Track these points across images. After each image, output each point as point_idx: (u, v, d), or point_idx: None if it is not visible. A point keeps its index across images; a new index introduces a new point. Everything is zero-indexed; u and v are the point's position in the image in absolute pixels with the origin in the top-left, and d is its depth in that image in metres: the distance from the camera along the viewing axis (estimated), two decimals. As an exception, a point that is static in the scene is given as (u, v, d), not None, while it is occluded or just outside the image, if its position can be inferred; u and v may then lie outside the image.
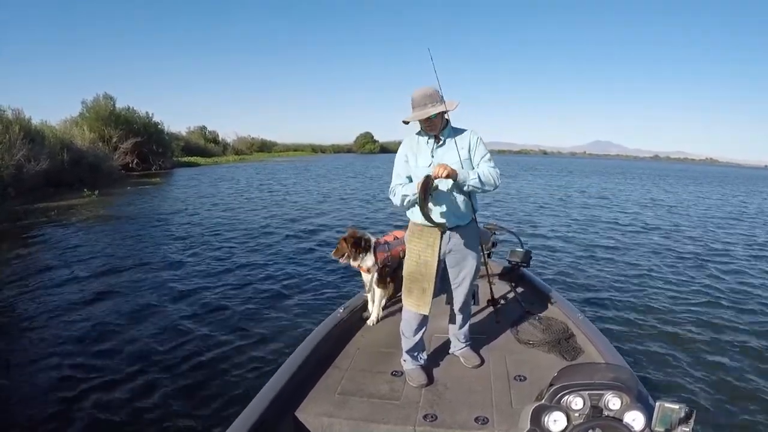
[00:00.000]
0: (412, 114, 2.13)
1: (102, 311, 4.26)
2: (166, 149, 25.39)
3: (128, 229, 8.07)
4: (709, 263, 6.82)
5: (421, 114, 2.08)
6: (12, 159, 11.97)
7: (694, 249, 7.85)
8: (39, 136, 15.02)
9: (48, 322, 4.01)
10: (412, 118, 2.13)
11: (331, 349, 2.56)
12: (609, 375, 1.50)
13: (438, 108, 2.08)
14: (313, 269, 5.78)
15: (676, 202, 15.32)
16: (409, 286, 2.27)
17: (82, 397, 2.87)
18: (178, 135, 34.49)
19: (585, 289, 5.26)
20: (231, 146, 44.99)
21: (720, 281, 5.84)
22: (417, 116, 2.11)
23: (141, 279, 5.29)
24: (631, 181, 27.77)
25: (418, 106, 2.10)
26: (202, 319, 4.12)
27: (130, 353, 3.47)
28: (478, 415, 1.99)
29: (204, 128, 42.76)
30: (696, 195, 19.06)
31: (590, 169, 40.05)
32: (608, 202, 14.85)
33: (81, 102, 22.10)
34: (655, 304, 4.82)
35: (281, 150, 55.05)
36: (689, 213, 13.02)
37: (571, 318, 2.90)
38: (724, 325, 4.31)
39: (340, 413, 2.00)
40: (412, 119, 2.14)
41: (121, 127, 21.63)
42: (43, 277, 5.23)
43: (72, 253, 6.24)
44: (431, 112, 2.07)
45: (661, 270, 6.29)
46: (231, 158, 38.13)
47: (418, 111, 2.10)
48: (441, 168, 2.00)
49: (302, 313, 4.30)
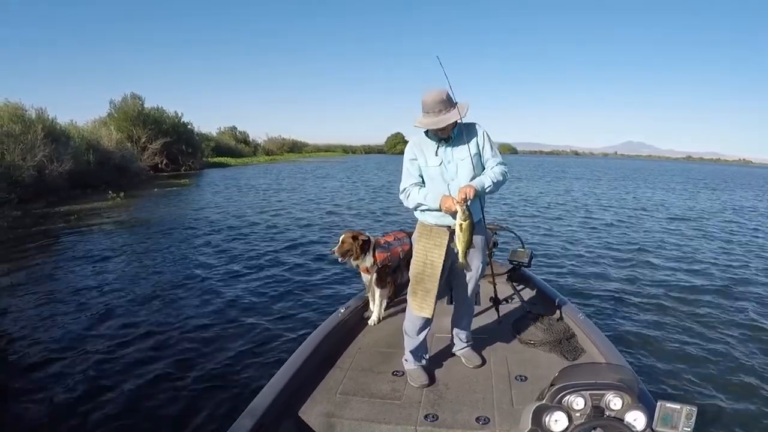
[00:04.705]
0: (425, 120, 2.07)
1: (104, 313, 4.27)
2: (196, 149, 25.37)
3: (145, 236, 7.82)
4: (711, 264, 6.81)
5: (436, 122, 2.03)
6: (32, 160, 11.58)
7: (695, 249, 7.84)
8: (63, 136, 14.58)
9: (51, 326, 4.01)
10: (425, 125, 2.08)
11: (332, 349, 2.56)
12: (610, 375, 1.50)
13: (452, 115, 2.03)
14: (314, 269, 5.79)
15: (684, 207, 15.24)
16: (414, 287, 2.27)
17: (81, 398, 2.87)
18: (209, 135, 34.65)
19: (586, 290, 5.25)
20: (262, 147, 45.27)
21: (722, 282, 5.82)
22: (431, 124, 2.05)
23: (144, 282, 5.29)
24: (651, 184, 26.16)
25: (432, 111, 2.04)
26: (203, 319, 4.12)
27: (131, 353, 3.47)
28: (480, 415, 1.99)
29: (234, 129, 42.96)
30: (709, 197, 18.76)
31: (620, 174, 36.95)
32: (610, 204, 14.83)
33: (109, 102, 22.05)
34: (655, 305, 4.81)
35: (312, 150, 55.13)
36: (693, 215, 12.98)
37: (573, 318, 2.90)
38: (725, 325, 4.29)
39: (341, 413, 2.00)
40: (425, 127, 2.09)
41: (150, 128, 21.59)
42: (44, 288, 5.18)
43: (82, 261, 6.07)
44: (446, 121, 2.02)
45: (662, 270, 6.28)
46: (261, 159, 38.37)
47: (431, 117, 2.05)
48: (467, 191, 2.00)
49: (303, 313, 4.29)
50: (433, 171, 2.16)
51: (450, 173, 2.14)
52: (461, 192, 1.99)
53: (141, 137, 21.14)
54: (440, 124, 2.03)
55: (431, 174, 2.17)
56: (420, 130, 2.22)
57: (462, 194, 1.98)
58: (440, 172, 2.15)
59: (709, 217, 12.36)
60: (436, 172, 2.15)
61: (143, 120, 21.66)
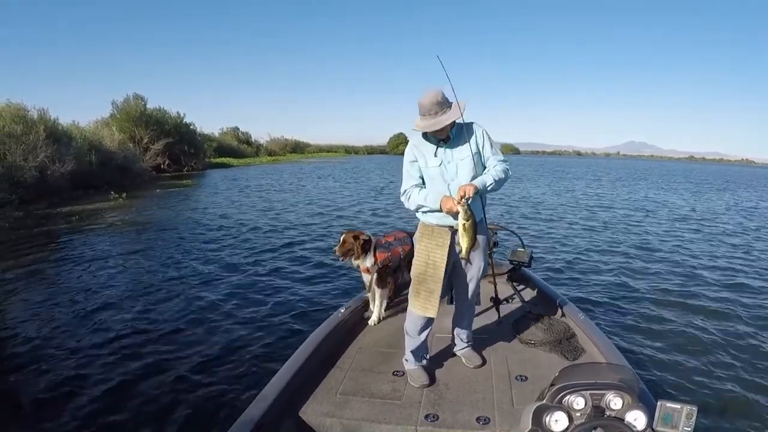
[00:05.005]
0: (423, 122, 2.07)
1: (105, 313, 4.28)
2: (198, 150, 25.36)
3: (147, 237, 7.81)
4: (712, 264, 6.80)
5: (433, 124, 2.04)
6: (34, 160, 11.54)
7: (696, 249, 7.83)
8: (65, 136, 14.52)
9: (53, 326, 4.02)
10: (423, 128, 2.08)
11: (332, 349, 2.56)
12: (610, 375, 1.50)
13: (449, 116, 2.04)
14: (315, 269, 5.79)
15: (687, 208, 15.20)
16: (417, 288, 2.26)
17: (81, 397, 2.88)
18: (211, 136, 34.60)
19: (586, 289, 5.24)
20: (264, 147, 45.18)
21: (723, 282, 5.81)
22: (428, 127, 2.06)
23: (145, 283, 5.30)
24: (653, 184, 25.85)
25: (428, 114, 2.05)
26: (204, 319, 4.13)
27: (131, 353, 3.47)
28: (480, 415, 1.99)
29: (237, 129, 42.98)
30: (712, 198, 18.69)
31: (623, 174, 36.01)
32: (611, 204, 14.82)
33: (111, 102, 21.97)
34: (656, 304, 4.81)
35: (314, 151, 55.10)
36: (695, 215, 12.96)
37: (573, 318, 2.90)
38: (726, 325, 4.29)
39: (341, 413, 2.01)
40: (423, 129, 2.09)
41: (152, 128, 21.57)
42: (46, 289, 5.21)
43: (84, 262, 6.07)
44: (444, 122, 2.02)
45: (662, 270, 6.27)
46: (264, 159, 38.30)
47: (428, 120, 2.05)
48: (466, 189, 1.98)
49: (304, 313, 4.30)
50: (433, 172, 2.16)
51: (450, 173, 2.14)
52: (460, 190, 1.99)
53: (143, 138, 21.10)
54: (436, 126, 2.03)
55: (431, 175, 2.17)
56: (419, 131, 2.22)
57: (461, 192, 1.98)
58: (440, 172, 2.15)
59: (712, 217, 12.34)
60: (436, 173, 2.15)
61: (146, 120, 21.63)
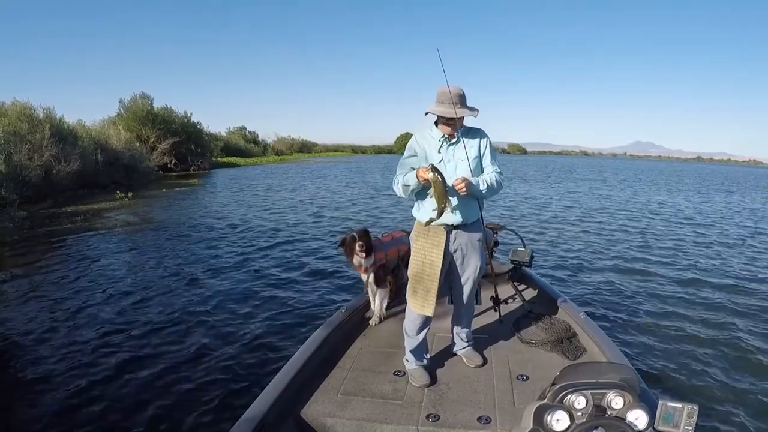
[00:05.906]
0: (440, 108, 2.08)
1: (107, 313, 4.28)
2: (205, 149, 25.25)
3: (152, 236, 7.78)
4: (713, 264, 6.80)
5: (450, 112, 2.05)
6: (40, 159, 11.45)
7: (697, 249, 7.83)
8: (71, 136, 14.42)
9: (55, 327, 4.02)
10: (440, 112, 2.08)
11: (333, 349, 2.56)
12: (612, 374, 1.50)
13: (466, 112, 2.07)
14: (315, 269, 5.79)
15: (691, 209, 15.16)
16: (414, 287, 2.27)
17: (81, 397, 2.88)
18: (218, 135, 34.50)
19: (587, 289, 5.24)
20: (271, 147, 45.16)
21: (725, 281, 5.81)
22: (444, 112, 2.07)
23: (148, 282, 5.30)
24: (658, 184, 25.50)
25: (448, 102, 2.05)
26: (205, 319, 4.13)
27: (132, 352, 3.48)
28: (481, 414, 1.99)
29: (244, 129, 42.81)
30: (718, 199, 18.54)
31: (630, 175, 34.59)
32: (612, 204, 14.79)
33: (118, 101, 21.88)
34: (657, 304, 4.80)
35: (321, 151, 55.02)
36: (700, 217, 12.93)
37: (574, 317, 2.90)
38: (727, 325, 4.28)
39: (342, 413, 2.01)
40: (439, 113, 2.10)
41: (159, 127, 21.45)
42: (50, 288, 5.21)
43: (88, 262, 6.05)
44: (459, 114, 2.04)
45: (663, 270, 6.27)
46: (271, 159, 38.22)
47: (446, 107, 2.06)
48: (460, 182, 2.01)
49: (304, 313, 4.30)
50: None
51: (448, 171, 2.15)
52: (457, 181, 2.03)
53: (150, 137, 21.02)
54: (451, 114, 2.05)
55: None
56: (425, 126, 2.24)
57: (458, 183, 2.02)
58: (439, 169, 2.16)
59: (717, 218, 12.29)
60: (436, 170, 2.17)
61: (152, 120, 21.55)
